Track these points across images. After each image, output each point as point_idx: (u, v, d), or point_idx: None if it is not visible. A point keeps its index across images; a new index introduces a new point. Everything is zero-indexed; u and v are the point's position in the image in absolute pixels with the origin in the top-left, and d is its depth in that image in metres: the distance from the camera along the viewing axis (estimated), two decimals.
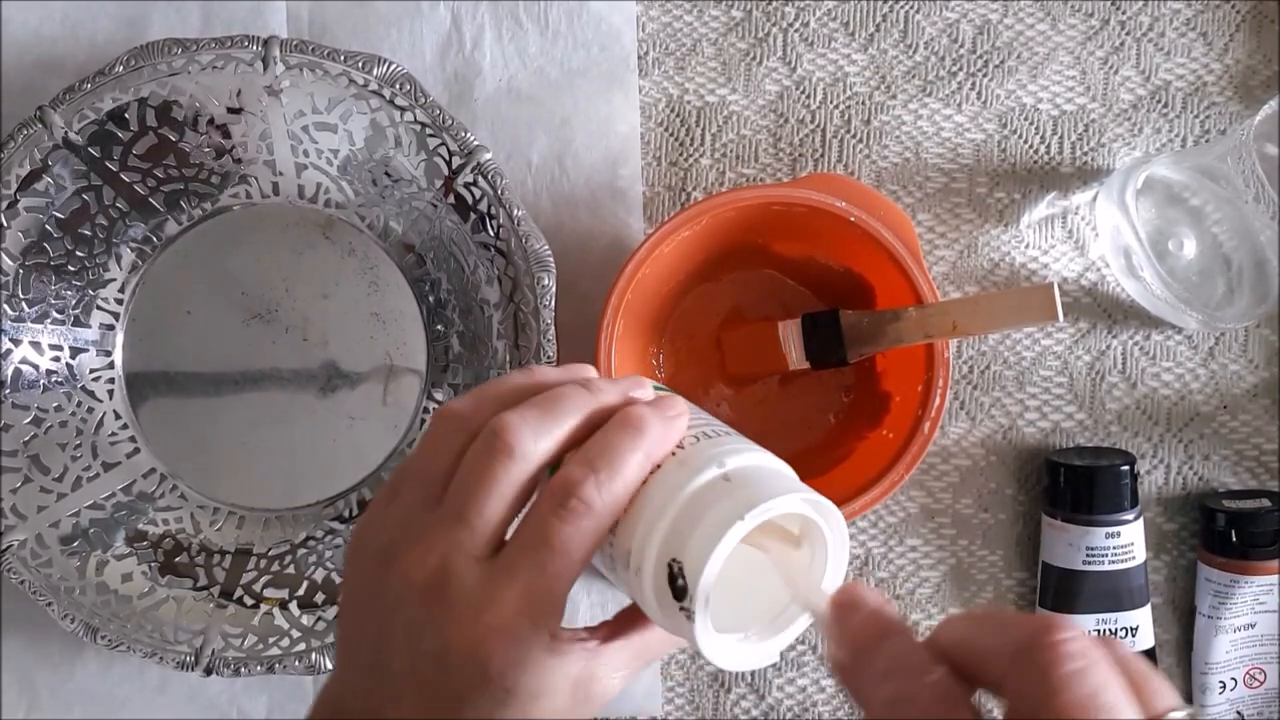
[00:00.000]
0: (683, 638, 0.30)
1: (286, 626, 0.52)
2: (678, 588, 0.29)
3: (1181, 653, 0.57)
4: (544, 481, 0.32)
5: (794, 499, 0.29)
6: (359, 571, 0.33)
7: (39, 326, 0.52)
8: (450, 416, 0.33)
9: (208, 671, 0.50)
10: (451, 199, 0.51)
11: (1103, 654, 0.25)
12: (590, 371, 0.36)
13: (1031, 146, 0.57)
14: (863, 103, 0.56)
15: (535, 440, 0.31)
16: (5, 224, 0.50)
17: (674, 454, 0.32)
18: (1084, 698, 0.24)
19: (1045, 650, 0.25)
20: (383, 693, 0.31)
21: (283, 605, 0.53)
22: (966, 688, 0.26)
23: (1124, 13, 0.57)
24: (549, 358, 0.49)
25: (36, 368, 0.52)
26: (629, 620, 0.33)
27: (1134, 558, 0.54)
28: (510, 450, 0.31)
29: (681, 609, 0.29)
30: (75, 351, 0.53)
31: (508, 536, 0.32)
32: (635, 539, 0.30)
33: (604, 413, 0.33)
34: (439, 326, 0.54)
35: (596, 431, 0.32)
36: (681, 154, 0.56)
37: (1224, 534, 0.54)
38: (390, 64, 0.50)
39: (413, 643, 0.31)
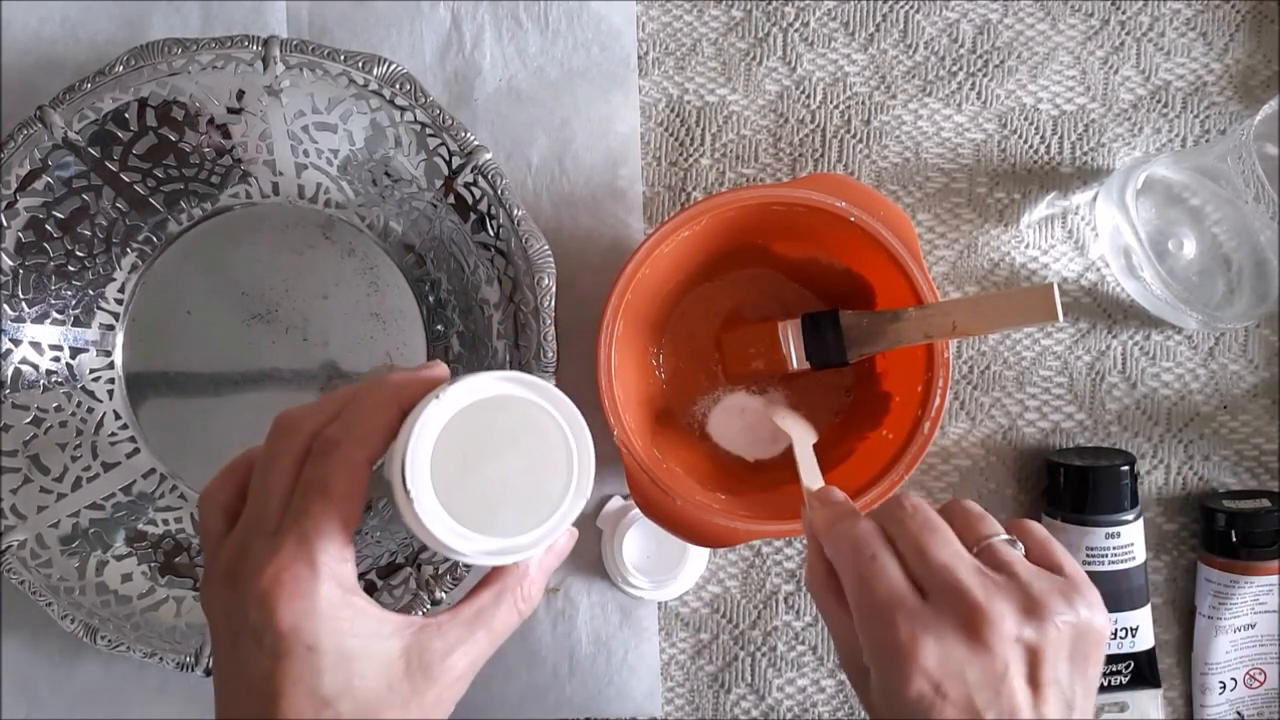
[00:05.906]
0: (421, 535, 0.33)
1: None
2: (403, 478, 0.33)
3: (1182, 653, 0.57)
4: None
5: (480, 378, 0.34)
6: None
7: (39, 326, 0.52)
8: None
9: (208, 672, 0.50)
10: (451, 199, 0.51)
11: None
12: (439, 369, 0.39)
13: (1031, 146, 0.57)
14: (863, 103, 0.56)
15: (306, 419, 0.35)
16: (5, 224, 0.50)
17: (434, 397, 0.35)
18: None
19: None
20: (225, 700, 0.34)
21: None
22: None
23: (1124, 13, 0.57)
24: (549, 358, 0.49)
25: (36, 368, 0.52)
26: (464, 597, 0.37)
27: (1134, 558, 0.54)
28: (284, 430, 0.35)
29: (405, 492, 0.33)
30: (75, 351, 0.53)
31: None
32: (391, 464, 0.34)
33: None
34: (439, 326, 0.54)
35: None
36: (681, 154, 0.56)
37: (1224, 534, 0.54)
38: (390, 64, 0.50)
39: (232, 633, 0.33)
